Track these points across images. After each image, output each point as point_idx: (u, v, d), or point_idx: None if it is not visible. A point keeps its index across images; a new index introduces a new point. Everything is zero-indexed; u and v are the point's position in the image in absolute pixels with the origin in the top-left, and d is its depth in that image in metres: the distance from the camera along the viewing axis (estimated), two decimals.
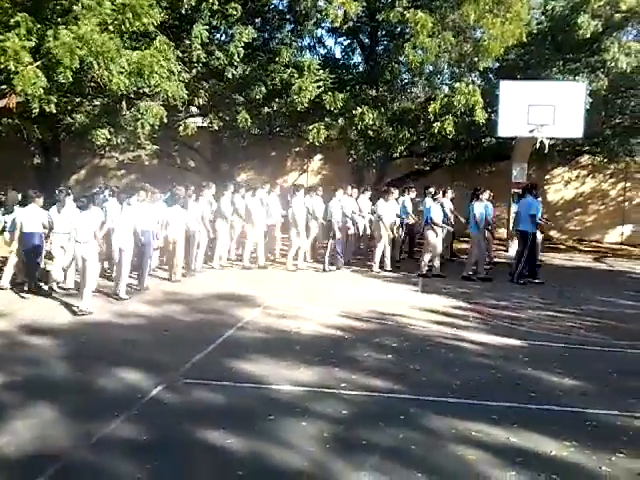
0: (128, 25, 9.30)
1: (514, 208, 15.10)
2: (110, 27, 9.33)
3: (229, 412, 4.78)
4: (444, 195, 12.25)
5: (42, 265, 9.22)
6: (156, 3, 10.22)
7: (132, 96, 11.77)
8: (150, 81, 10.26)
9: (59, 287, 9.21)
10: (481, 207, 11.35)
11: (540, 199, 11.78)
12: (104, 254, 9.38)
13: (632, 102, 15.62)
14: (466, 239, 13.10)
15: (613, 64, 13.79)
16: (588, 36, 13.66)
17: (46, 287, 9.02)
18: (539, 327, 7.80)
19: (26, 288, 8.77)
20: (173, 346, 6.49)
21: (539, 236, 11.62)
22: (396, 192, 12.40)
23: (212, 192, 11.66)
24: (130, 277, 9.20)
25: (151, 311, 8.05)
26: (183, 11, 12.26)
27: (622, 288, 10.76)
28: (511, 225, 13.80)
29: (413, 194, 13.02)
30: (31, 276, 8.89)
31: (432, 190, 12.06)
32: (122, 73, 9.75)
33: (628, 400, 5.20)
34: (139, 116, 11.65)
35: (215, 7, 12.31)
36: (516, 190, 14.88)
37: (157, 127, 12.10)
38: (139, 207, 9.28)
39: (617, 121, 16.28)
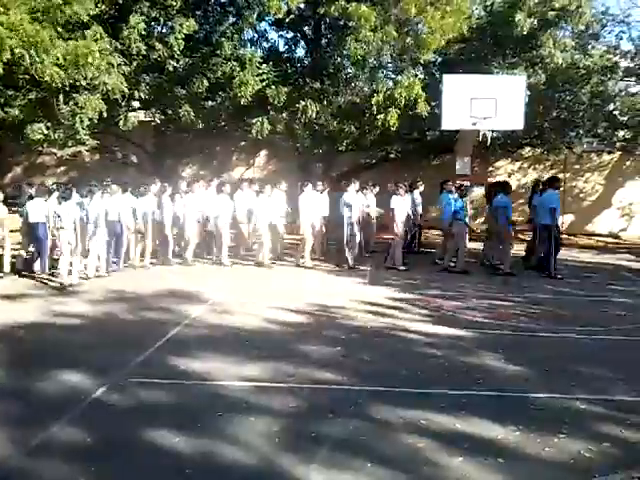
0: (60, 14, 8.94)
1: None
2: (41, 16, 8.94)
3: (176, 410, 4.66)
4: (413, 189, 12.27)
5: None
6: None
7: (69, 89, 11.35)
8: (87, 73, 9.92)
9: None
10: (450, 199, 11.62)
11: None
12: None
13: (568, 96, 16.10)
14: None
15: (549, 59, 14.20)
16: (525, 33, 14.00)
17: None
18: (484, 316, 7.95)
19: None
20: (117, 345, 6.30)
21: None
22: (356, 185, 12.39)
23: (156, 188, 11.43)
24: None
25: (94, 310, 7.80)
26: (120, 1, 11.89)
27: (562, 276, 11.07)
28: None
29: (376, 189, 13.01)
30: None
31: (451, 186, 12.23)
32: (57, 65, 9.39)
33: (569, 383, 5.34)
34: (77, 110, 11.28)
35: None
36: (461, 183, 15.18)
37: (97, 121, 11.74)
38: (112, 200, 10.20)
39: (555, 114, 16.77)
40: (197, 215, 11.57)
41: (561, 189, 12.68)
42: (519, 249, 12.77)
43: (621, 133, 18.63)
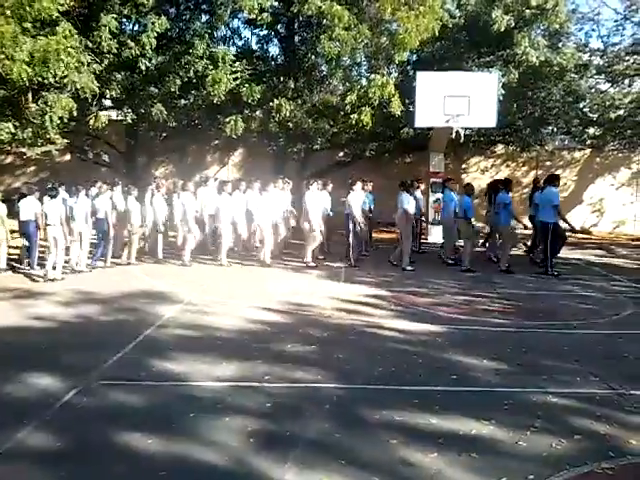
0: (29, 9, 8.76)
1: (432, 198, 15.57)
2: (7, 11, 8.76)
3: (149, 412, 4.61)
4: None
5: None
6: None
7: (38, 87, 11.16)
8: (56, 71, 9.75)
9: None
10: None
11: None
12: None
13: (542, 93, 16.29)
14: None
15: (524, 57, 14.35)
16: (502, 30, 14.13)
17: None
18: (458, 312, 8.01)
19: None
20: (89, 348, 6.20)
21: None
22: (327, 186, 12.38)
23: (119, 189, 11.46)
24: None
25: (65, 312, 7.66)
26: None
27: (534, 271, 11.19)
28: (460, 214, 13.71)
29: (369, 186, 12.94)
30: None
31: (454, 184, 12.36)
32: (24, 62, 9.20)
33: (541, 378, 5.40)
34: (47, 109, 11.07)
35: None
36: (435, 180, 15.33)
37: (67, 120, 11.55)
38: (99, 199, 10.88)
39: (528, 112, 16.98)
40: (194, 214, 11.58)
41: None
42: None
43: (591, 130, 18.98)
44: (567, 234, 11.75)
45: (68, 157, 17.20)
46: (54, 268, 9.71)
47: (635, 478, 3.74)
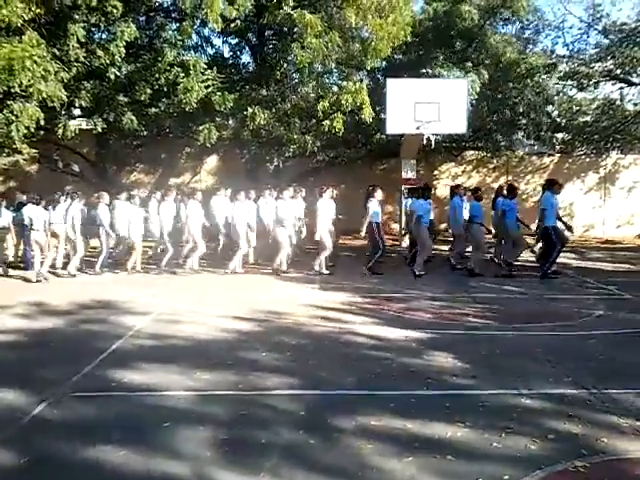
0: None
1: (405, 203, 15.63)
2: None
3: (121, 424, 4.51)
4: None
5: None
6: None
7: (3, 96, 10.95)
8: (22, 80, 9.57)
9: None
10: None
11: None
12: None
13: (513, 93, 16.49)
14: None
15: (495, 52, 14.55)
16: (471, 24, 14.34)
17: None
18: (433, 316, 8.05)
19: None
20: (58, 360, 6.06)
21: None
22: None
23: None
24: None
25: (33, 325, 7.51)
26: (56, 7, 11.53)
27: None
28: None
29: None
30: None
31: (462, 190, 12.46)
32: None
33: (515, 379, 5.43)
34: (13, 118, 10.87)
35: (94, 4, 11.73)
36: (407, 186, 15.39)
37: (34, 130, 11.36)
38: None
39: (499, 115, 17.17)
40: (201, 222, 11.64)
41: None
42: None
43: (560, 136, 19.33)
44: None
45: (35, 167, 16.89)
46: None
47: (607, 475, 3.77)
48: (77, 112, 14.89)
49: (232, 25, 13.72)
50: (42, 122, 11.20)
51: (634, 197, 19.83)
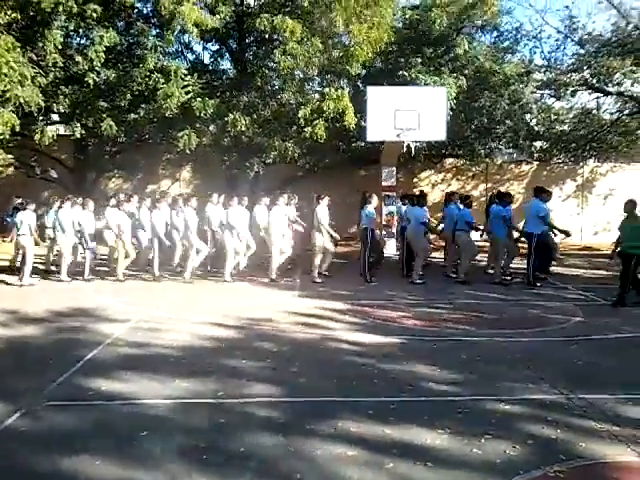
0: None
1: (385, 211, 15.70)
2: None
3: (97, 433, 4.43)
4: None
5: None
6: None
7: None
8: None
9: None
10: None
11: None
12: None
13: (488, 102, 16.64)
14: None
15: (468, 65, 14.70)
16: (441, 29, 14.49)
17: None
18: (413, 323, 8.07)
19: None
20: (33, 369, 5.95)
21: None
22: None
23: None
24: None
25: (8, 333, 7.36)
26: (32, 12, 11.37)
27: (487, 282, 11.37)
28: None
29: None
30: None
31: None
32: None
33: (494, 385, 5.47)
34: None
35: (75, 10, 11.62)
36: (388, 194, 15.47)
37: (10, 135, 11.19)
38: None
39: (476, 124, 17.32)
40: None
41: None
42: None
43: (538, 144, 19.57)
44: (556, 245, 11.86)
45: (11, 172, 16.66)
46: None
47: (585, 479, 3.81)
48: (55, 117, 14.73)
49: (212, 32, 13.65)
50: (17, 128, 11.04)
51: (611, 204, 20.08)
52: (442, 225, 13.02)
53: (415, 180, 20.09)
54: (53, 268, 11.92)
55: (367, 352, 6.58)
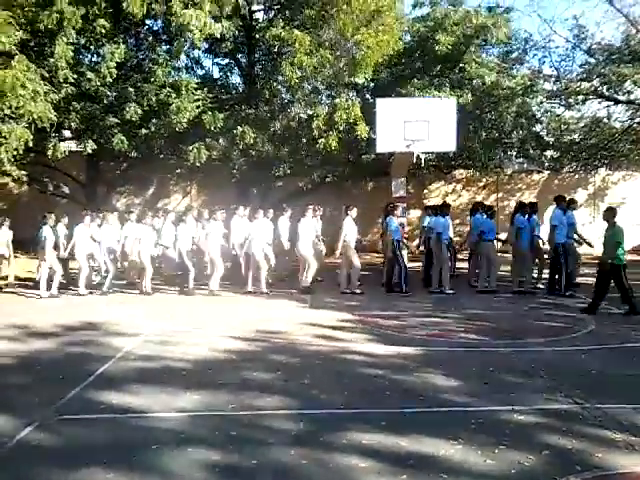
0: None
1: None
2: None
3: (109, 446, 4.42)
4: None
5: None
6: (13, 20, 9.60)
7: None
8: (12, 102, 9.56)
9: None
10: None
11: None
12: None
13: (494, 116, 16.64)
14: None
15: (475, 79, 14.69)
16: (447, 51, 14.48)
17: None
18: (423, 333, 8.02)
19: None
20: (46, 383, 5.95)
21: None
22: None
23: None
24: None
25: (19, 347, 7.39)
26: (43, 28, 11.49)
27: (495, 292, 11.30)
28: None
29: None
30: None
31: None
32: None
33: (508, 395, 5.41)
34: (2, 140, 10.83)
35: (79, 25, 11.74)
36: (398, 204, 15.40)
37: (24, 151, 11.32)
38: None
39: (484, 135, 17.31)
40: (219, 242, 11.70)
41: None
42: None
43: (549, 153, 19.49)
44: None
45: (25, 189, 16.82)
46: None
47: None
48: (67, 134, 14.87)
49: (222, 45, 13.78)
50: (31, 144, 11.16)
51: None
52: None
53: (425, 191, 20.06)
54: (63, 281, 11.98)
55: (379, 363, 6.54)
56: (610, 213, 9.31)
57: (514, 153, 18.86)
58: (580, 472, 3.87)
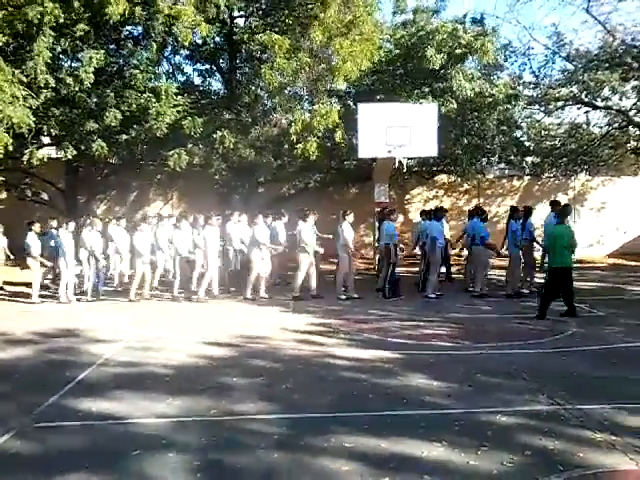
0: None
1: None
2: None
3: (89, 452, 4.35)
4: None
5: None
6: None
7: None
8: None
9: None
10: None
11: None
12: None
13: (477, 123, 16.75)
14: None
15: (459, 91, 14.77)
16: (436, 67, 14.53)
17: None
18: (406, 337, 8.01)
19: None
20: (23, 391, 5.85)
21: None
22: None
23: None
24: None
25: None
26: (21, 31, 11.32)
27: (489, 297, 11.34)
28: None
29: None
30: None
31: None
32: None
33: (490, 397, 5.42)
34: None
35: (60, 20, 11.56)
36: (377, 209, 15.45)
37: (1, 157, 11.15)
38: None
39: (466, 141, 17.41)
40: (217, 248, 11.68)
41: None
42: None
43: (529, 159, 19.68)
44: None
45: (4, 195, 16.62)
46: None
47: None
48: (46, 140, 14.69)
49: (203, 49, 13.71)
50: (10, 147, 10.98)
51: (603, 217, 20.17)
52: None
53: (407, 197, 20.13)
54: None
55: (362, 367, 6.52)
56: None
57: (495, 159, 18.98)
58: (562, 472, 3.89)
